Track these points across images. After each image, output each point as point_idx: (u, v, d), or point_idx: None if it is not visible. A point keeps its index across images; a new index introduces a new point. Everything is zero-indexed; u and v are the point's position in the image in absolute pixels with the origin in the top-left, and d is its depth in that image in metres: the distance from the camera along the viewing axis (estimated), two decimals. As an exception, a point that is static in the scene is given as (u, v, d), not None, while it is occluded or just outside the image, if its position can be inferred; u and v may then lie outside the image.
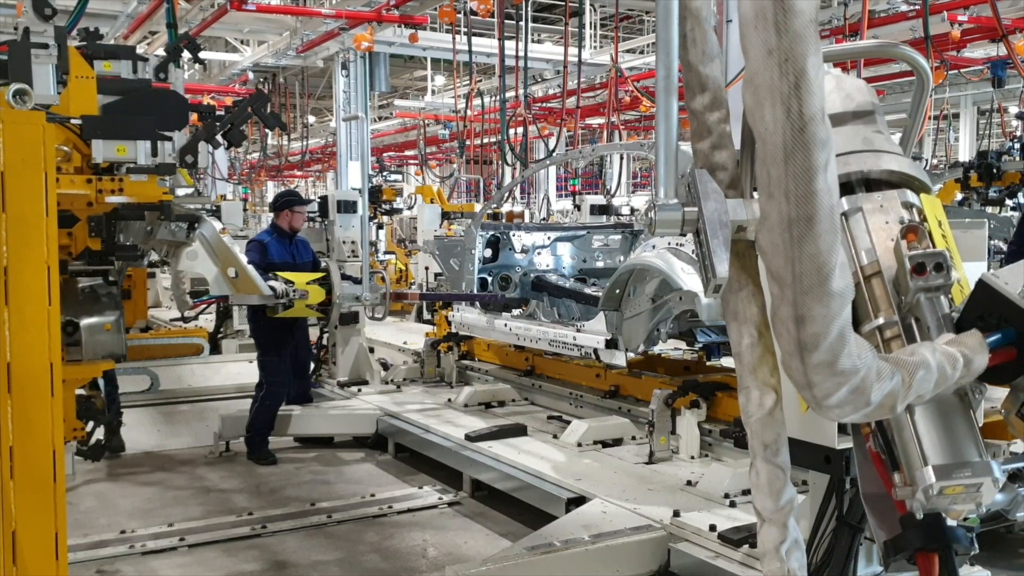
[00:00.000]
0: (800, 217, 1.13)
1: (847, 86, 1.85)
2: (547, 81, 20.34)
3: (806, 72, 1.06)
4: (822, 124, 1.09)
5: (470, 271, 7.46)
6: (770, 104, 1.10)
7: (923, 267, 1.57)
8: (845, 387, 1.27)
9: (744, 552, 4.00)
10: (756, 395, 1.80)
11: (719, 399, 5.68)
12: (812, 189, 1.11)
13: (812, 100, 1.07)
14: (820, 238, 1.13)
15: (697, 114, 1.87)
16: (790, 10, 1.04)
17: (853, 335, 1.26)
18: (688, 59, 1.88)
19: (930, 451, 1.50)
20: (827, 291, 1.17)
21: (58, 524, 2.78)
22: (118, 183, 3.11)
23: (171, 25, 7.81)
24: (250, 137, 24.34)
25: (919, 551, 1.56)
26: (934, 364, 1.41)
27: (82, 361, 3.40)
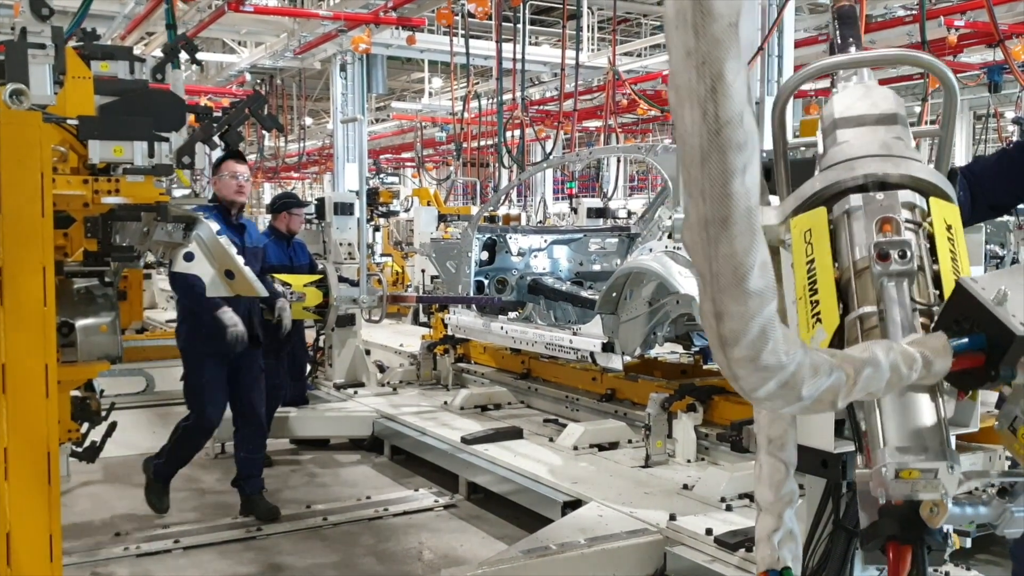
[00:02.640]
0: (715, 218, 1.11)
1: (875, 95, 1.89)
2: (544, 84, 20.35)
3: (723, 76, 1.04)
4: (739, 128, 1.07)
5: (466, 274, 7.46)
6: (688, 106, 1.07)
7: (886, 254, 1.60)
8: (772, 381, 1.26)
9: (740, 556, 4.00)
10: None
11: (716, 403, 5.68)
12: (728, 192, 1.10)
13: (729, 104, 1.06)
14: (735, 239, 1.12)
15: None
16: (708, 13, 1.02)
17: (780, 332, 1.24)
18: None
19: (890, 434, 1.51)
20: (743, 290, 1.16)
21: (53, 526, 2.77)
22: (115, 184, 3.10)
23: (171, 26, 7.81)
24: (247, 139, 24.33)
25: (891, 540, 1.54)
26: (885, 363, 1.40)
27: (77, 362, 3.39)
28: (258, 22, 15.98)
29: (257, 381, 5.65)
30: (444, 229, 13.57)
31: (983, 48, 14.36)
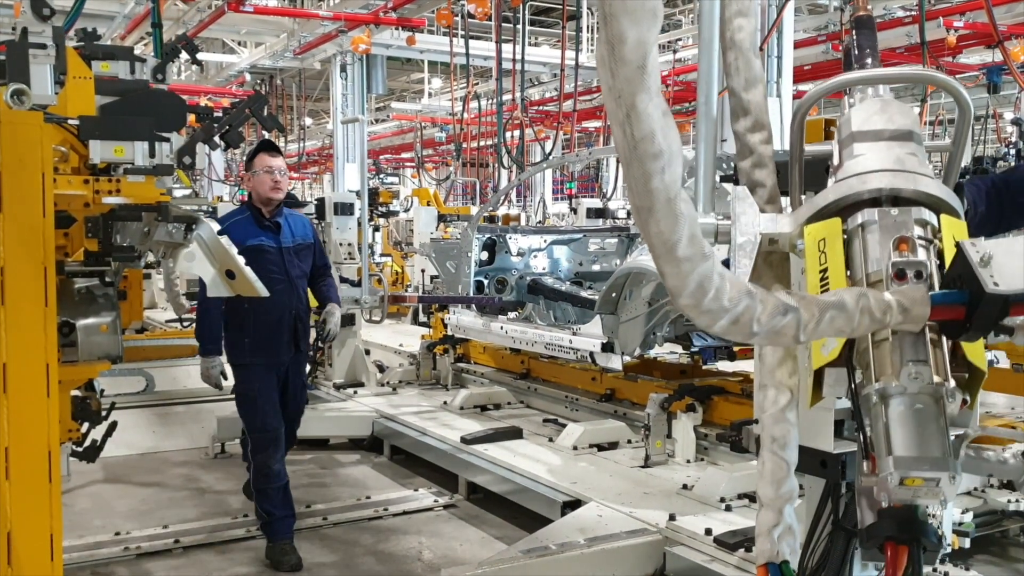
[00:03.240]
0: (643, 207, 1.42)
1: (891, 110, 1.99)
2: (544, 84, 20.35)
3: (635, 105, 1.34)
4: (652, 142, 1.36)
5: (466, 274, 7.47)
6: (614, 126, 1.37)
7: (903, 273, 1.70)
8: (723, 320, 1.51)
9: (740, 556, 4.01)
10: (772, 393, 2.04)
11: (715, 403, 5.69)
12: (649, 188, 1.39)
13: (641, 125, 1.35)
14: (660, 222, 1.42)
15: (740, 135, 2.13)
16: (620, 59, 1.32)
17: (724, 283, 1.48)
18: (732, 85, 2.18)
19: (896, 443, 1.60)
20: (674, 257, 1.44)
21: (53, 525, 2.77)
22: (115, 184, 3.10)
23: (156, 25, 7.77)
24: (247, 139, 24.33)
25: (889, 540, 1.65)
26: (854, 307, 1.57)
27: (78, 362, 3.39)
28: (258, 22, 15.99)
29: (302, 393, 5.34)
30: (444, 229, 13.58)
31: (982, 49, 14.38)
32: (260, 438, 4.97)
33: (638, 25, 1.31)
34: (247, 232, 4.88)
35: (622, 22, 1.31)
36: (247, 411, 5.03)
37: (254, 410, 5.01)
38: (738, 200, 2.00)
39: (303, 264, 5.16)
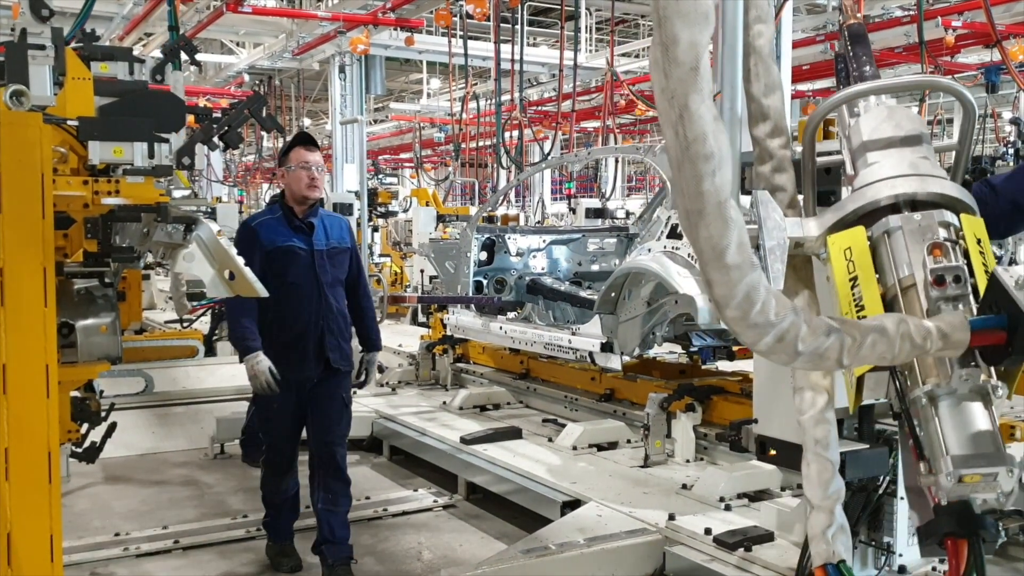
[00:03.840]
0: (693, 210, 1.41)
1: (898, 116, 2.04)
2: (543, 84, 20.35)
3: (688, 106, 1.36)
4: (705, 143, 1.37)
5: (465, 274, 7.47)
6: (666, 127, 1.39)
7: (942, 279, 1.75)
8: (768, 337, 1.50)
9: (739, 556, 4.01)
10: (809, 395, 2.06)
11: (714, 403, 5.69)
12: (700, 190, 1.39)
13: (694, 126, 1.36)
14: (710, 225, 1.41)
15: (760, 140, 2.19)
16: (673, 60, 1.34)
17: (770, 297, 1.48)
18: (751, 91, 2.22)
19: (951, 443, 1.65)
20: (724, 264, 1.43)
21: (53, 526, 2.77)
22: (115, 185, 3.10)
23: (173, 28, 7.80)
24: (246, 139, 24.35)
25: (948, 535, 1.70)
26: (895, 332, 1.59)
27: (77, 363, 3.39)
28: (256, 23, 15.99)
29: (337, 416, 4.70)
30: (443, 229, 13.57)
31: (980, 49, 14.39)
32: (271, 459, 4.75)
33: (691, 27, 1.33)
34: (277, 233, 4.53)
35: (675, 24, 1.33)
36: (263, 428, 4.83)
37: (268, 429, 4.76)
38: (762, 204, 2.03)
39: (337, 270, 4.67)
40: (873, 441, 3.52)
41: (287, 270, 4.49)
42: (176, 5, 7.36)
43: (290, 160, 4.57)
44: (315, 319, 4.54)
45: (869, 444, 3.48)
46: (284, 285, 4.41)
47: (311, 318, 4.54)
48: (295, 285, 4.50)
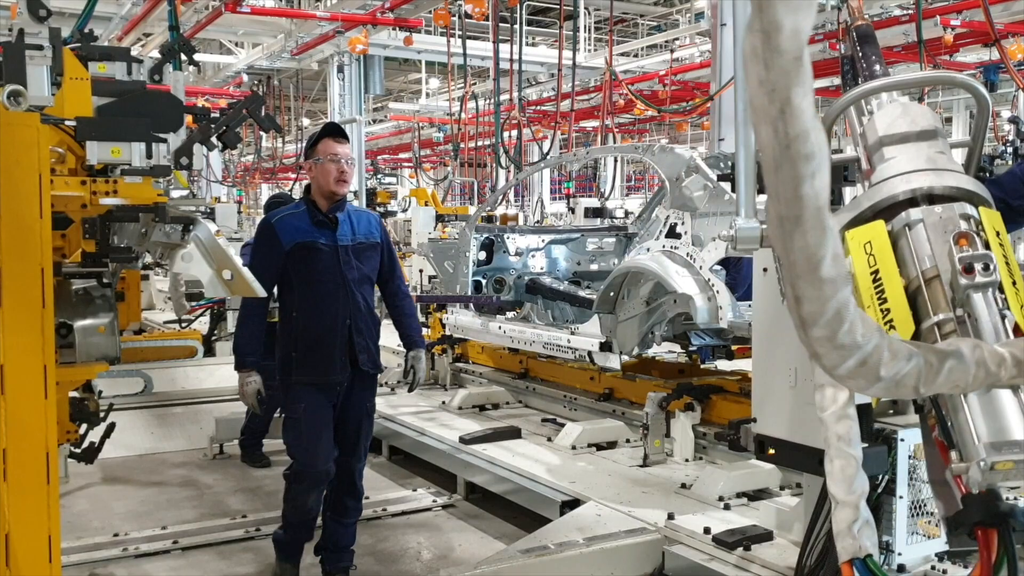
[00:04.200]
0: (789, 216, 1.30)
1: (913, 112, 2.07)
2: (541, 84, 20.36)
3: (791, 100, 1.23)
4: (806, 142, 1.25)
5: (464, 274, 7.46)
6: (763, 124, 1.27)
7: (971, 267, 1.77)
8: (851, 360, 1.41)
9: (738, 555, 4.01)
10: (831, 392, 2.06)
11: (713, 402, 5.69)
12: (798, 194, 1.28)
13: (796, 122, 1.24)
14: (807, 234, 1.30)
15: None
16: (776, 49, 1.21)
17: (857, 316, 1.38)
18: None
19: (983, 431, 1.67)
20: (818, 277, 1.33)
21: (51, 527, 2.77)
22: (112, 185, 3.10)
23: (173, 28, 7.79)
24: (244, 139, 24.35)
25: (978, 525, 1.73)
26: (970, 358, 1.53)
27: (76, 363, 3.39)
28: (255, 23, 15.99)
29: (358, 428, 4.46)
30: (442, 229, 13.56)
31: (979, 47, 14.40)
32: (301, 473, 4.32)
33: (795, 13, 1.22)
34: (299, 228, 4.25)
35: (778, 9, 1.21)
36: (292, 439, 4.36)
37: (298, 439, 4.31)
38: None
39: (365, 267, 4.38)
40: (872, 440, 3.51)
41: (309, 267, 4.24)
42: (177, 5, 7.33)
43: (317, 152, 4.29)
44: (342, 318, 4.26)
45: (868, 443, 3.47)
46: (307, 283, 4.24)
47: (337, 317, 4.26)
48: (319, 283, 4.25)
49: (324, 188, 4.30)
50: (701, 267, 5.28)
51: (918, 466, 3.57)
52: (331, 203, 4.32)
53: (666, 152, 5.97)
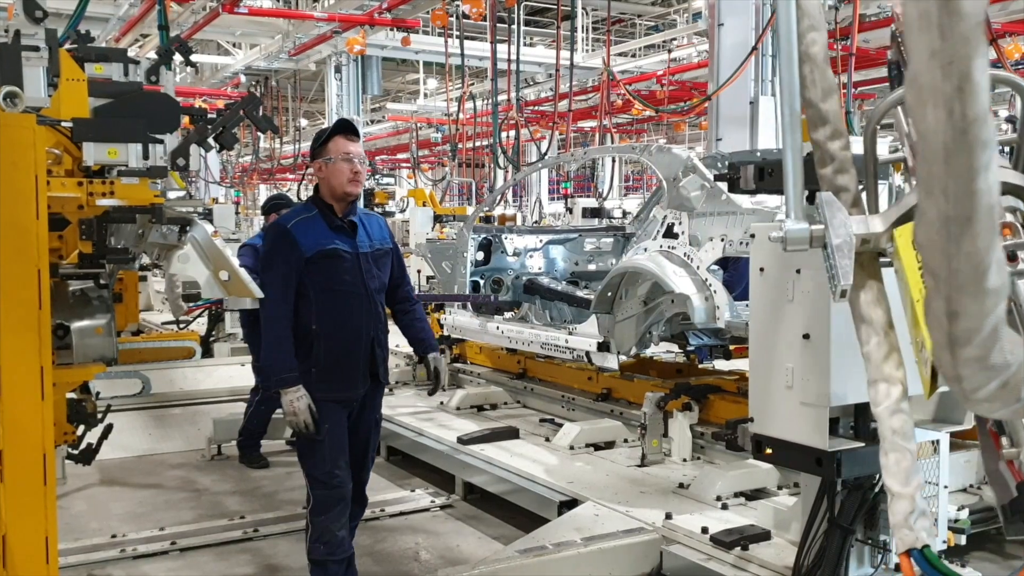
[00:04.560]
0: (958, 216, 1.13)
1: None
2: (539, 84, 20.37)
3: (971, 75, 1.05)
4: (985, 125, 1.09)
5: (462, 274, 7.47)
6: (932, 105, 1.09)
7: (1015, 255, 1.80)
8: (995, 382, 1.30)
9: (736, 554, 4.01)
10: (884, 387, 2.11)
11: (711, 402, 5.69)
12: (972, 189, 1.11)
13: (976, 102, 1.07)
14: (978, 236, 1.14)
15: (820, 144, 2.26)
16: (955, 12, 1.02)
17: (1007, 331, 1.26)
18: (808, 97, 2.28)
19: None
20: (982, 288, 1.17)
21: (48, 528, 2.77)
22: (109, 186, 3.10)
23: (163, 27, 7.81)
24: (242, 140, 24.35)
25: None
26: None
27: (73, 364, 3.39)
28: (253, 24, 16.00)
29: (372, 441, 4.21)
30: (440, 230, 13.58)
31: (976, 47, 14.39)
32: (325, 495, 3.95)
33: None
34: (319, 234, 3.92)
35: None
36: (311, 459, 3.98)
37: (320, 458, 3.95)
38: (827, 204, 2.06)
39: (382, 274, 4.12)
40: (869, 439, 3.52)
41: (333, 277, 3.92)
42: (167, 5, 7.33)
43: (329, 151, 3.96)
44: (366, 330, 4.00)
45: (865, 442, 3.48)
46: (330, 294, 3.92)
47: (361, 329, 3.99)
48: (342, 293, 3.94)
49: (336, 190, 3.97)
50: (698, 267, 5.28)
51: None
52: (344, 206, 4.02)
53: (663, 152, 5.98)
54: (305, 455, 4.01)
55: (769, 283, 3.57)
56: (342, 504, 3.98)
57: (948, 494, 3.72)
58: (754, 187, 3.74)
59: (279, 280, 3.88)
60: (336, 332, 3.94)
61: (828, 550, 3.54)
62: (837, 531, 3.54)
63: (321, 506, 3.96)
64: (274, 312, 3.88)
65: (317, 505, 3.97)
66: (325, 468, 3.95)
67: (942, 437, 3.64)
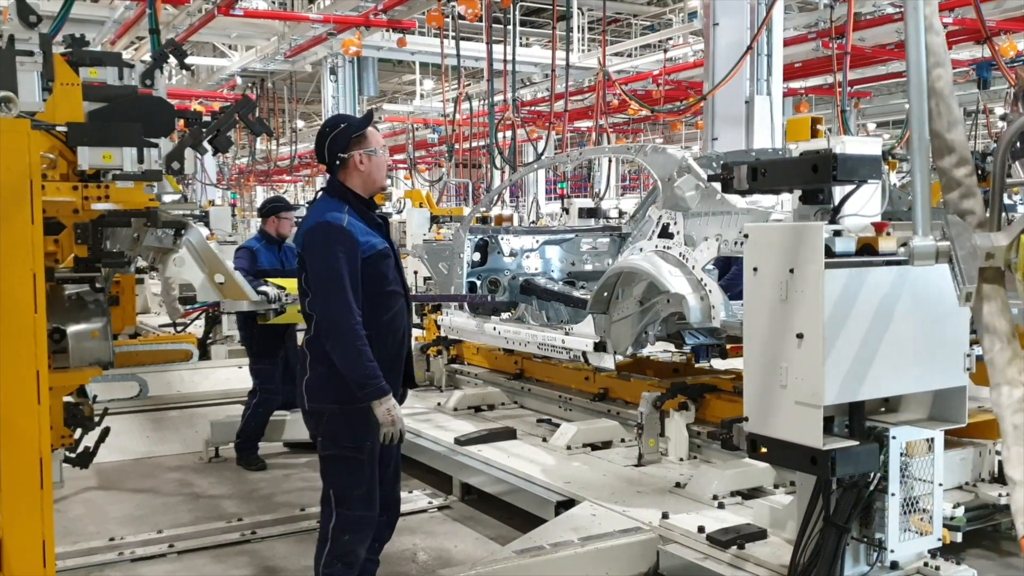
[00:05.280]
0: None
1: None
2: (535, 85, 20.37)
3: None
4: None
5: (459, 275, 7.47)
6: None
7: None
8: None
9: (732, 553, 4.02)
10: (1007, 390, 2.35)
11: (708, 401, 5.70)
12: None
13: None
14: None
15: (946, 171, 2.52)
16: None
17: None
18: (935, 128, 2.49)
19: None
20: None
21: (46, 531, 2.78)
22: (104, 190, 3.11)
23: (154, 31, 7.80)
24: (238, 142, 24.34)
25: None
26: None
27: (69, 368, 3.40)
28: (248, 26, 15.99)
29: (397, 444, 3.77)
30: (436, 230, 13.57)
31: (971, 45, 14.43)
32: (360, 517, 3.69)
33: None
34: (367, 233, 3.66)
35: None
36: (348, 477, 3.67)
37: (360, 476, 3.66)
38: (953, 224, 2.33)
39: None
40: (864, 438, 3.53)
41: (382, 278, 3.70)
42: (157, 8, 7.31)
43: (370, 142, 3.71)
44: (407, 331, 3.83)
45: (859, 441, 3.49)
46: (382, 296, 3.69)
47: (404, 332, 3.80)
48: (390, 294, 3.72)
49: (378, 182, 3.75)
50: (694, 267, 5.29)
51: (910, 463, 3.59)
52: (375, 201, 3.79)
53: (658, 152, 5.99)
54: (341, 471, 3.67)
55: (763, 283, 3.58)
56: (372, 525, 3.76)
57: (943, 492, 3.74)
58: (747, 187, 3.76)
59: (347, 285, 3.53)
60: (387, 335, 3.72)
61: (824, 548, 3.56)
62: (832, 529, 3.55)
63: (352, 526, 3.69)
64: (351, 320, 3.53)
65: (347, 524, 3.68)
66: (364, 487, 3.68)
67: (937, 435, 3.66)
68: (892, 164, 7.36)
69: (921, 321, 3.57)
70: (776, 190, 4.18)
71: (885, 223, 3.58)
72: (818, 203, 3.66)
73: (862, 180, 3.55)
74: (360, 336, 3.54)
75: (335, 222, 3.60)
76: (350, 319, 3.52)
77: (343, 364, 3.54)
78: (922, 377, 3.62)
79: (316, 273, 3.58)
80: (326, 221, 3.62)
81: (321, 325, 3.58)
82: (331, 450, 3.69)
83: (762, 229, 3.73)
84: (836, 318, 3.37)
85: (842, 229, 3.50)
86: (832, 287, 3.36)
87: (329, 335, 3.55)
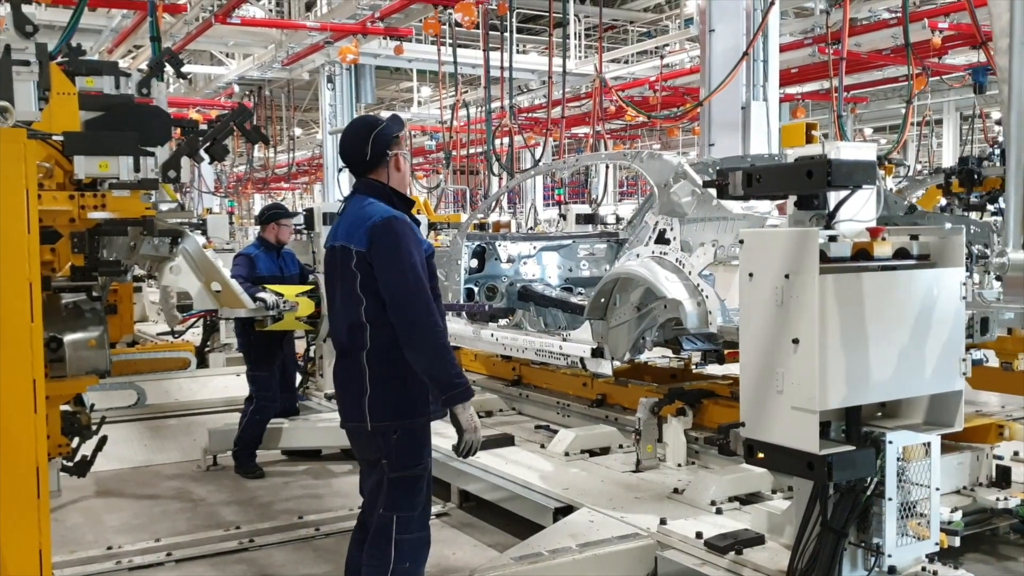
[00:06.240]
0: None
1: None
2: (532, 91, 20.40)
3: None
4: None
5: (456, 282, 7.47)
6: None
7: None
8: None
9: (730, 559, 4.02)
10: None
11: (705, 407, 5.70)
12: None
13: None
14: None
15: None
16: None
17: None
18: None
19: None
20: None
21: (42, 541, 2.78)
22: (100, 199, 3.12)
23: (155, 39, 7.83)
24: (236, 150, 24.36)
25: None
26: None
27: (66, 377, 3.40)
28: (245, 34, 16.03)
29: None
30: (434, 237, 13.58)
31: (967, 50, 14.48)
32: (419, 539, 3.52)
33: None
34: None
35: None
36: (411, 500, 3.52)
37: (420, 496, 3.53)
38: None
39: None
40: (860, 443, 3.54)
41: (433, 277, 3.54)
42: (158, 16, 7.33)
43: (402, 144, 3.67)
44: None
45: (856, 446, 3.50)
46: (434, 297, 3.48)
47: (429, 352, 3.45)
48: (437, 296, 3.52)
49: (408, 186, 3.69)
50: (690, 272, 5.30)
51: (907, 468, 3.59)
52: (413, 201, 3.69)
53: (654, 159, 6.00)
54: (404, 494, 3.50)
55: (758, 288, 3.59)
56: (429, 544, 3.58)
57: (941, 496, 3.74)
58: (742, 193, 3.77)
59: (424, 281, 3.35)
60: None
61: (821, 553, 3.56)
62: (830, 534, 3.55)
63: (414, 551, 3.47)
64: (435, 316, 3.35)
65: (409, 550, 3.46)
66: (421, 506, 3.52)
67: (933, 440, 3.66)
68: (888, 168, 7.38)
69: (917, 325, 3.57)
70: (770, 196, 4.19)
71: (880, 228, 3.58)
72: (813, 208, 3.67)
73: (857, 185, 3.56)
74: (445, 334, 3.38)
75: (401, 218, 3.43)
76: (434, 315, 3.33)
77: (430, 365, 3.33)
78: (918, 381, 3.63)
79: (396, 269, 3.35)
80: (394, 216, 3.42)
81: (401, 326, 3.33)
82: (400, 471, 3.48)
83: (758, 235, 3.73)
84: (832, 323, 3.38)
85: (837, 234, 3.51)
86: (828, 292, 3.37)
87: (413, 335, 3.32)
